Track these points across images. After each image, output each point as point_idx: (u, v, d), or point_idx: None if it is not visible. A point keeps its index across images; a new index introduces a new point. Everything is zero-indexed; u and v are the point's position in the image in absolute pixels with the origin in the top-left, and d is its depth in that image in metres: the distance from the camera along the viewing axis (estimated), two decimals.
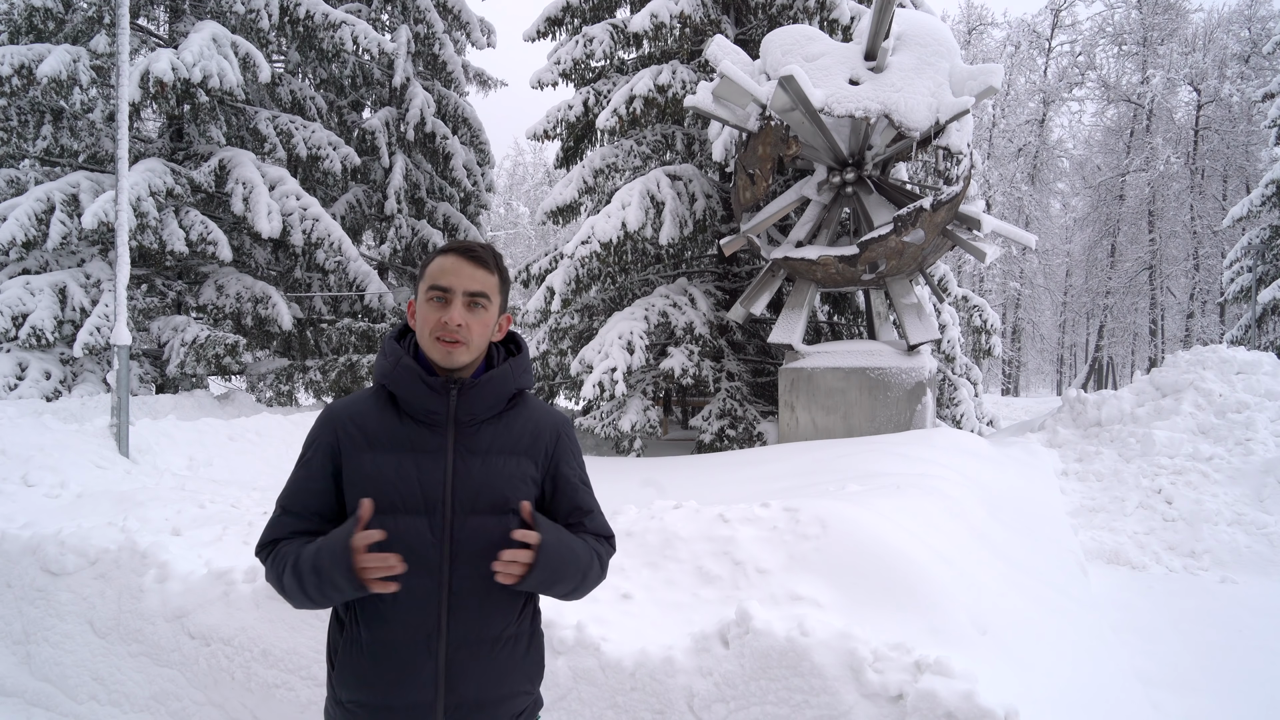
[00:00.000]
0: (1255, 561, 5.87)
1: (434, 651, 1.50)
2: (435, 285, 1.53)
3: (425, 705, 1.49)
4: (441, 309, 1.52)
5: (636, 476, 7.79)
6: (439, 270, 1.54)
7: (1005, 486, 6.45)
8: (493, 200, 23.20)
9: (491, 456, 1.56)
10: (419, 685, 1.49)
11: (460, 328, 1.51)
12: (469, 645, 1.52)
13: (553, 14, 13.47)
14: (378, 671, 1.50)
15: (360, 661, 1.51)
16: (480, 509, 1.53)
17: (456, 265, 1.54)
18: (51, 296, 11.64)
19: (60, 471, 6.43)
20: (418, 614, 1.49)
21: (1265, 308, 20.17)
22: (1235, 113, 31.34)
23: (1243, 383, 8.70)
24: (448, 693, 1.50)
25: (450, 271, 1.53)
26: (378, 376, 1.60)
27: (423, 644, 1.49)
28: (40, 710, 3.68)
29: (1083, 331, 42.86)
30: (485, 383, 1.57)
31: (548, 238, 42.67)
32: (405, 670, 1.49)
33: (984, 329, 13.85)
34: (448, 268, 1.53)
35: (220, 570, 3.70)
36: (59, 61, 11.42)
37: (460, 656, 1.51)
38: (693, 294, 11.99)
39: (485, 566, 1.50)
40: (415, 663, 1.49)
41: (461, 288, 1.53)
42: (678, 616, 3.21)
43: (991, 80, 9.26)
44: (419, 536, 1.49)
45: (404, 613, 1.49)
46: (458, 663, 1.51)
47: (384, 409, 1.57)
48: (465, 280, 1.53)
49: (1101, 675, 3.49)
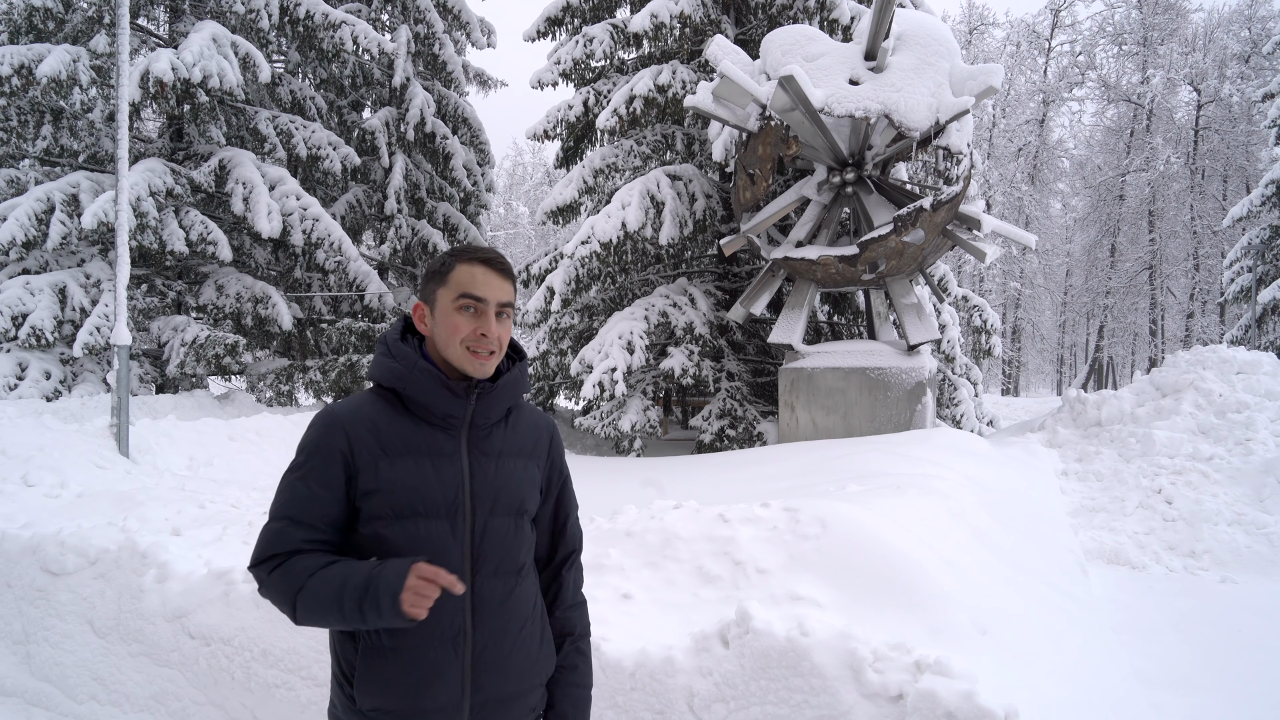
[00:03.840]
0: (1255, 561, 5.87)
1: (460, 653, 1.51)
2: (469, 294, 1.53)
3: (453, 706, 1.51)
4: (475, 319, 1.53)
5: (636, 476, 7.79)
6: (470, 280, 1.53)
7: (1005, 486, 6.45)
8: (493, 200, 23.20)
9: (504, 459, 1.59)
10: (447, 687, 1.50)
11: (496, 339, 1.54)
12: (493, 644, 1.54)
13: (553, 14, 13.48)
14: (406, 678, 1.49)
15: (385, 668, 1.50)
16: (499, 511, 1.56)
17: (487, 277, 1.54)
18: (51, 296, 11.64)
19: (60, 471, 6.43)
20: (443, 618, 1.49)
21: (1265, 308, 20.17)
22: (1235, 113, 31.34)
23: (1243, 383, 8.69)
24: (474, 692, 1.52)
25: (483, 283, 1.53)
26: (383, 378, 1.57)
27: (449, 647, 1.50)
28: (40, 710, 3.68)
29: (1083, 331, 42.86)
30: (501, 387, 1.58)
31: (548, 238, 42.67)
32: (433, 674, 1.49)
33: (984, 329, 13.85)
34: (479, 278, 1.53)
35: (220, 570, 3.70)
36: (59, 61, 11.42)
37: (485, 656, 1.53)
38: (693, 294, 11.99)
39: (504, 567, 1.55)
40: (443, 666, 1.50)
41: (495, 299, 1.54)
42: (678, 616, 3.21)
43: (991, 80, 9.26)
44: (442, 540, 1.51)
45: (429, 617, 1.47)
46: (483, 662, 1.52)
47: (393, 413, 1.55)
48: (497, 292, 1.54)
49: (1101, 675, 3.49)
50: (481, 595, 1.53)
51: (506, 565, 1.56)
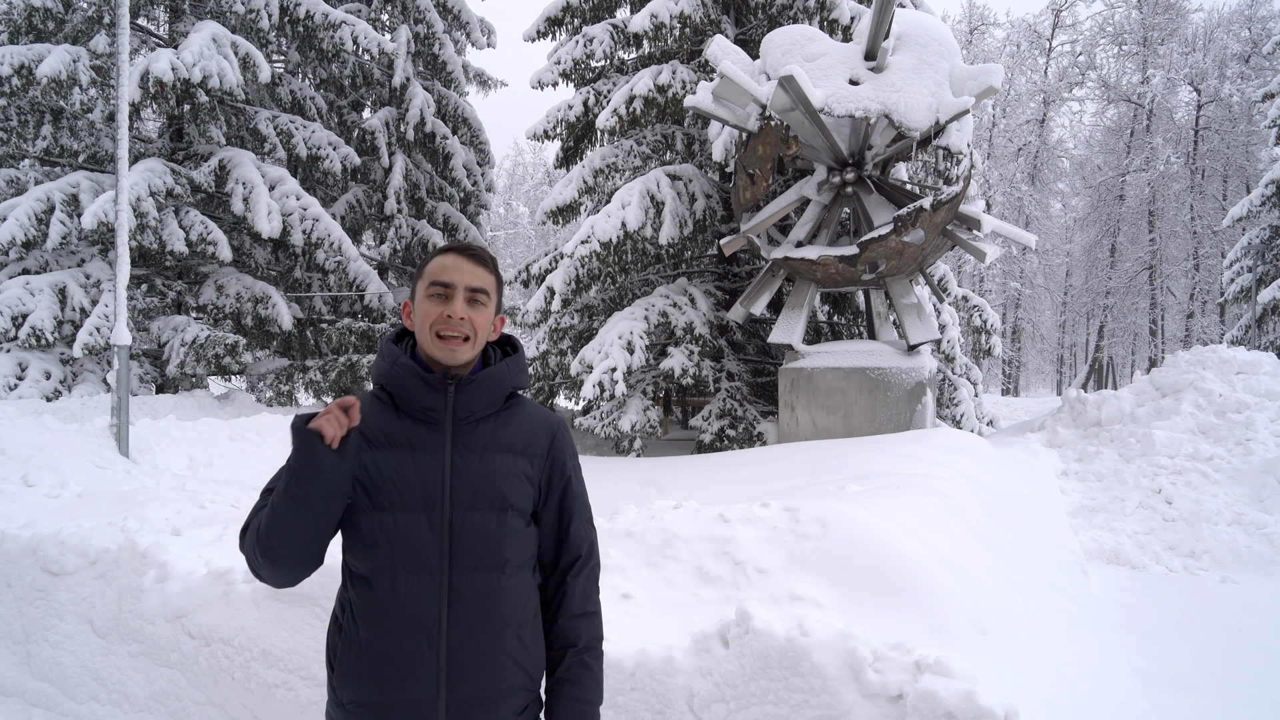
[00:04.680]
0: (1255, 561, 5.87)
1: (435, 648, 1.50)
2: (436, 281, 1.55)
3: (427, 702, 1.49)
4: (443, 304, 1.55)
5: (636, 476, 7.79)
6: (439, 267, 1.57)
7: (1005, 486, 6.45)
8: (493, 200, 23.19)
9: (489, 454, 1.58)
10: (421, 682, 1.49)
11: (463, 321, 1.54)
12: (470, 641, 1.52)
13: (553, 14, 13.47)
14: (379, 670, 1.49)
15: (360, 661, 1.51)
16: (479, 505, 1.54)
17: (457, 262, 1.57)
18: (51, 296, 11.64)
19: (60, 471, 6.43)
20: (418, 611, 1.49)
21: (1265, 308, 20.17)
22: (1235, 113, 31.33)
23: (1243, 383, 8.69)
24: (449, 689, 1.50)
25: (451, 268, 1.56)
26: (376, 378, 1.61)
27: (424, 641, 1.49)
28: (40, 710, 3.68)
29: (1083, 331, 42.86)
30: (483, 380, 1.58)
31: (548, 238, 42.67)
32: (406, 668, 1.49)
33: (984, 329, 13.86)
34: (448, 265, 1.57)
35: (220, 570, 3.70)
36: (59, 61, 11.42)
37: (461, 653, 1.51)
38: (693, 294, 12.00)
39: (484, 562, 1.53)
40: (417, 660, 1.49)
41: (463, 283, 1.56)
42: (678, 616, 3.21)
43: (991, 80, 9.26)
44: (418, 533, 1.51)
45: (404, 610, 1.49)
46: (459, 659, 1.51)
47: (382, 409, 1.58)
48: (466, 276, 1.56)
49: (1101, 675, 3.49)
50: (458, 589, 1.51)
51: (488, 560, 1.54)
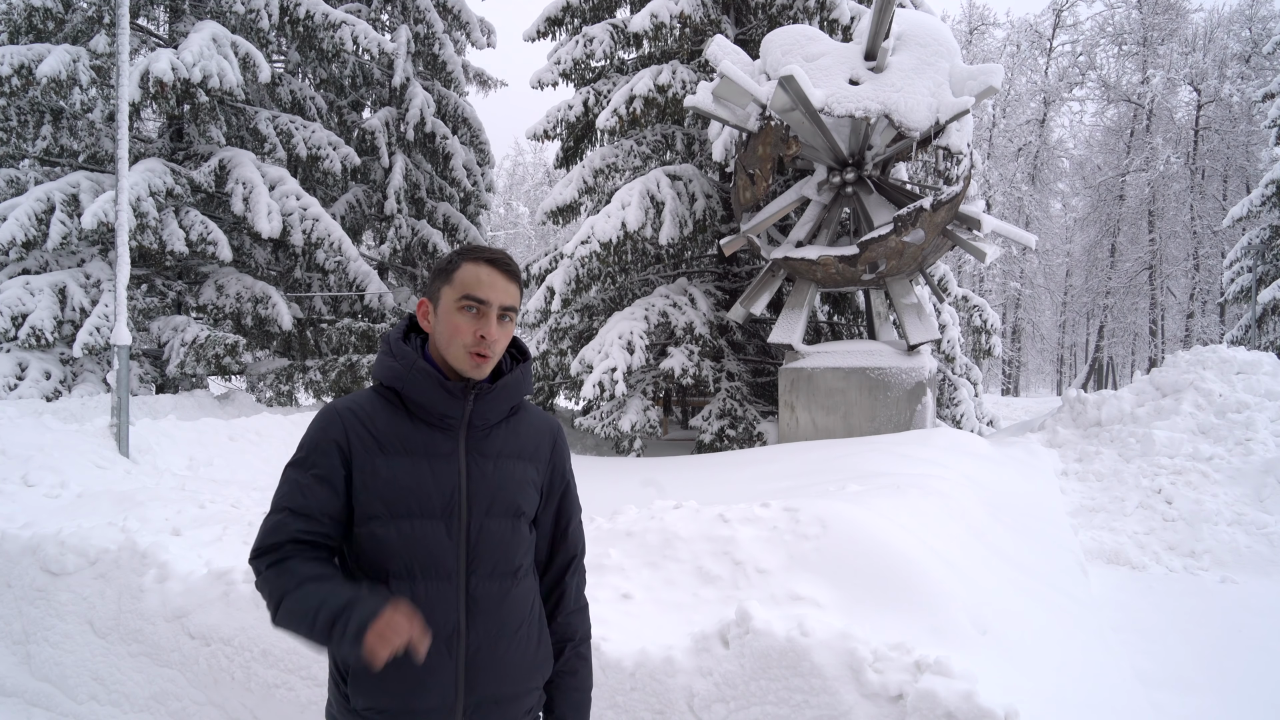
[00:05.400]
0: (1255, 561, 5.87)
1: (454, 653, 1.50)
2: (472, 296, 1.51)
3: (446, 707, 1.50)
4: (476, 321, 1.51)
5: (636, 476, 7.79)
6: (474, 280, 1.51)
7: (1005, 486, 6.45)
8: (493, 200, 23.19)
9: (503, 460, 1.58)
10: (440, 688, 1.50)
11: (495, 342, 1.52)
12: (487, 645, 1.53)
13: (553, 14, 13.47)
14: (398, 677, 1.49)
15: (380, 669, 1.51)
16: (495, 512, 1.55)
17: (492, 278, 1.52)
18: (51, 296, 11.64)
19: (60, 471, 6.43)
20: (437, 618, 1.49)
21: (1265, 308, 20.17)
22: (1235, 113, 31.34)
23: (1243, 383, 8.69)
24: (467, 693, 1.51)
25: (487, 284, 1.51)
26: (384, 378, 1.57)
27: (443, 647, 1.49)
28: (40, 710, 3.68)
29: (1083, 331, 42.86)
30: (501, 388, 1.58)
31: (548, 238, 42.66)
32: (426, 674, 1.49)
33: (984, 329, 13.86)
34: (484, 279, 1.51)
35: (220, 570, 3.70)
36: (59, 61, 11.42)
37: (479, 657, 1.52)
38: (693, 294, 11.99)
39: (500, 569, 1.55)
40: (436, 666, 1.49)
41: (498, 302, 1.52)
42: (678, 616, 3.21)
43: (992, 80, 9.26)
44: (436, 541, 1.51)
45: (423, 618, 1.48)
46: (477, 663, 1.52)
47: (392, 411, 1.55)
48: (501, 294, 1.53)
49: (1101, 675, 3.49)
50: (476, 596, 1.53)
51: (503, 567, 1.56)
